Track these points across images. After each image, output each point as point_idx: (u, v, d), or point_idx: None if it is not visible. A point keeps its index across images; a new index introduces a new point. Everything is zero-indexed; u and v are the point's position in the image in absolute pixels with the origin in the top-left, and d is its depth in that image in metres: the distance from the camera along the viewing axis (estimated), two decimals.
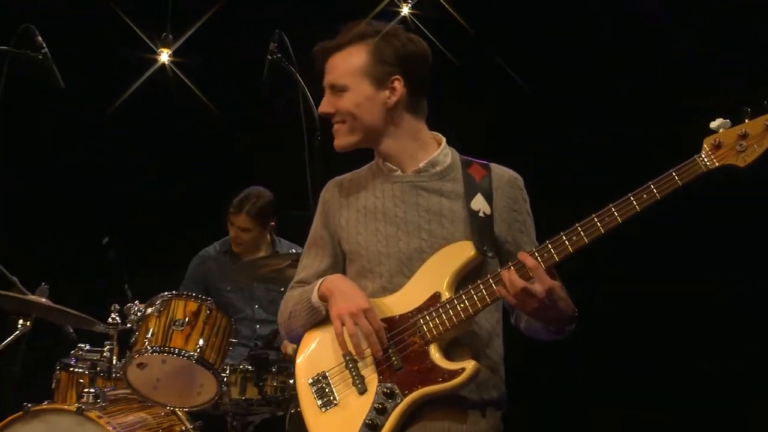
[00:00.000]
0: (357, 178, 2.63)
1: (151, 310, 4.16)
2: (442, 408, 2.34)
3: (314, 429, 2.44)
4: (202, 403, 4.23)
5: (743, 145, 2.14)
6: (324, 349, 2.49)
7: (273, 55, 4.04)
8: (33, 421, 3.92)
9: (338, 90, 2.49)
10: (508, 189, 2.50)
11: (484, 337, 2.42)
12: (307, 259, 2.64)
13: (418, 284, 2.41)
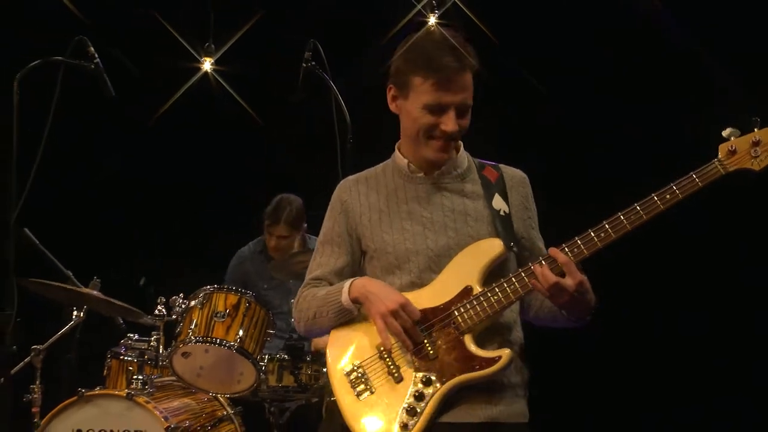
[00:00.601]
0: (373, 178, 2.63)
1: (194, 303, 4.22)
2: (474, 393, 2.34)
3: (351, 417, 2.42)
4: (242, 390, 4.28)
5: (757, 151, 2.20)
6: (356, 341, 2.48)
7: (307, 63, 4.04)
8: (86, 406, 3.96)
9: (466, 109, 2.45)
10: (521, 188, 2.54)
11: (508, 325, 2.44)
12: (322, 257, 2.62)
13: (448, 279, 2.41)
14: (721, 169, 2.23)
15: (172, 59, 6.09)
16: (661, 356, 5.69)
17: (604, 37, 5.81)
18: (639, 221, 2.24)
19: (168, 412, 3.99)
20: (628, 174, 2.43)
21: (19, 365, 4.17)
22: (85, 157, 5.87)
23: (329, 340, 2.53)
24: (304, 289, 2.59)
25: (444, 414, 2.34)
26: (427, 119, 2.41)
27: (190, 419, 4.15)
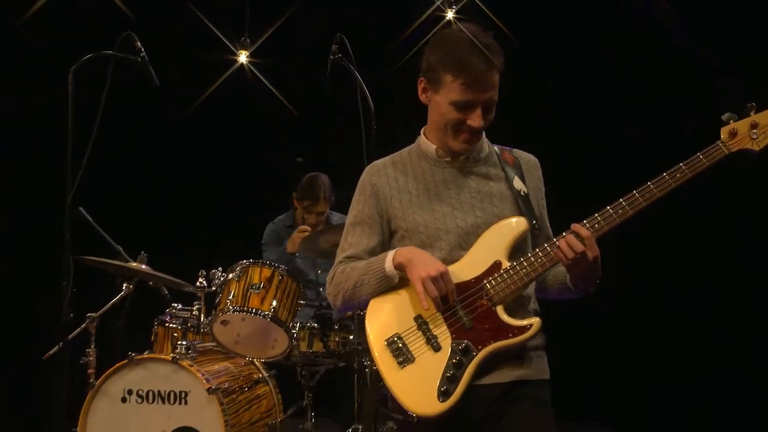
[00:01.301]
0: (400, 162, 2.60)
1: (232, 276, 4.28)
2: (504, 357, 2.36)
3: (394, 384, 2.40)
4: (275, 355, 4.36)
5: (756, 133, 2.26)
6: (394, 312, 2.46)
7: (335, 55, 4.04)
8: (136, 368, 4.04)
9: (491, 106, 2.44)
10: (535, 171, 2.55)
11: (529, 297, 2.46)
12: (354, 237, 2.59)
13: (477, 255, 2.42)
14: (724, 149, 2.28)
15: (209, 52, 6.05)
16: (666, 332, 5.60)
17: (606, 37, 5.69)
18: (652, 197, 2.27)
19: (209, 374, 4.06)
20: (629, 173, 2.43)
21: (76, 331, 4.21)
22: (132, 143, 5.87)
23: (367, 313, 2.51)
24: (339, 266, 2.58)
25: (481, 378, 2.36)
26: (454, 115, 2.40)
27: (229, 381, 4.19)
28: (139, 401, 4.05)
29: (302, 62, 5.82)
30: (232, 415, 4.02)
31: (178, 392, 4.01)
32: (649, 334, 5.68)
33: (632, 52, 5.65)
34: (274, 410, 4.50)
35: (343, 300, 2.56)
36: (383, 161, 2.64)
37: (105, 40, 4.25)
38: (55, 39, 5.24)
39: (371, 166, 2.63)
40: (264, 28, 6.12)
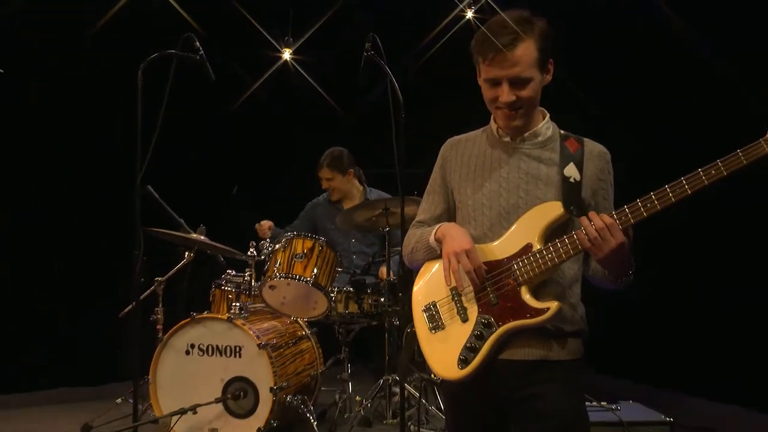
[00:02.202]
0: (472, 139, 2.46)
1: (278, 246, 4.33)
2: (529, 337, 2.25)
3: (425, 345, 2.38)
4: (316, 315, 4.43)
5: None
6: (435, 282, 2.39)
7: (368, 53, 4.05)
8: (197, 326, 4.11)
9: (522, 81, 2.24)
10: (597, 161, 2.32)
11: (565, 282, 2.29)
12: (426, 204, 2.52)
13: (513, 235, 2.28)
14: (766, 147, 2.01)
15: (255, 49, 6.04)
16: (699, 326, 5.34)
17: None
18: (683, 195, 2.06)
19: (259, 331, 4.12)
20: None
21: (146, 293, 4.35)
22: (192, 130, 5.90)
23: (417, 278, 2.46)
24: (411, 229, 2.52)
25: (503, 352, 2.26)
26: (489, 93, 2.28)
27: (277, 337, 4.25)
28: (200, 354, 4.10)
29: (339, 58, 5.80)
30: (279, 366, 4.05)
31: (233, 347, 4.06)
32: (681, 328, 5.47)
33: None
34: (315, 362, 4.55)
35: (408, 260, 2.52)
36: (459, 137, 2.51)
37: (168, 40, 4.30)
38: (126, 40, 5.26)
39: (447, 141, 2.52)
40: (305, 28, 6.09)
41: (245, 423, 4.03)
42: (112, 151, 5.03)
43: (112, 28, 5.47)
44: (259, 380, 4.02)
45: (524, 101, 2.26)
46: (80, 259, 5.67)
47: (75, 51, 5.54)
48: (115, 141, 4.86)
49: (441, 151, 2.49)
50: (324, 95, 6.26)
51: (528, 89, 2.25)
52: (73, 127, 5.67)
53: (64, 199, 5.68)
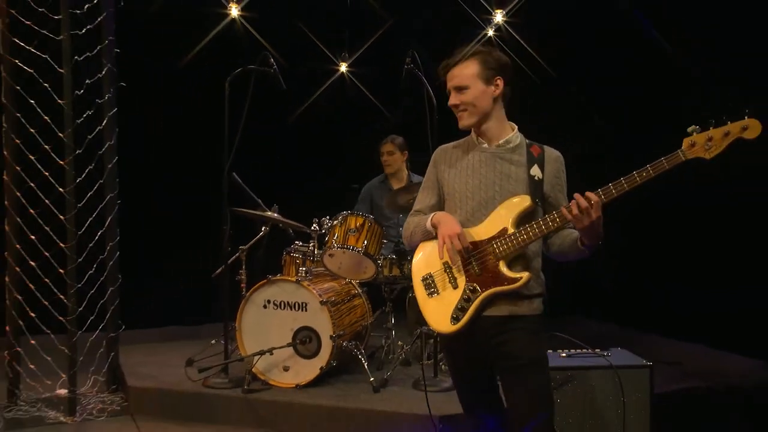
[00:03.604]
0: (458, 146, 2.54)
1: (336, 222, 4.33)
2: (506, 299, 2.35)
3: (423, 308, 2.48)
4: (366, 277, 4.46)
5: (709, 145, 2.13)
6: (430, 257, 2.48)
7: (408, 65, 4.10)
8: (272, 287, 4.18)
9: (462, 88, 2.39)
10: (554, 163, 2.43)
11: (531, 256, 2.39)
12: (422, 196, 2.60)
13: (492, 221, 2.37)
14: (682, 156, 2.16)
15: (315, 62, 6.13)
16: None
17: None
18: (622, 190, 2.18)
19: (321, 291, 4.16)
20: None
21: (232, 258, 4.45)
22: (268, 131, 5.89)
23: (414, 255, 2.55)
24: (409, 217, 2.60)
25: (484, 311, 2.36)
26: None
27: (335, 295, 4.28)
28: (274, 308, 4.17)
29: (385, 70, 5.72)
30: (337, 318, 4.11)
31: (300, 303, 4.12)
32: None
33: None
34: (365, 315, 4.57)
35: (407, 241, 2.62)
36: (448, 144, 2.60)
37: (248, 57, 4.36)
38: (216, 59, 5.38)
39: (438, 148, 2.61)
40: (358, 45, 6.13)
41: (310, 363, 4.09)
42: (205, 147, 5.08)
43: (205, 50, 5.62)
44: (321, 329, 4.07)
45: (466, 104, 2.40)
46: (184, 233, 5.81)
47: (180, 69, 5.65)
48: (207, 139, 4.91)
49: (433, 155, 2.59)
50: (373, 99, 6.28)
51: (466, 94, 2.39)
52: (178, 130, 5.77)
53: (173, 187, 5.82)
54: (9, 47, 4.04)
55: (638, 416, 3.19)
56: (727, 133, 2.13)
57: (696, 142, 2.14)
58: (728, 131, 2.13)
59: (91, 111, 4.19)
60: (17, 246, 4.11)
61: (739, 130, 2.13)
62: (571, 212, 2.21)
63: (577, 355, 3.35)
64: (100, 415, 4.03)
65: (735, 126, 2.13)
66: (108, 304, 4.33)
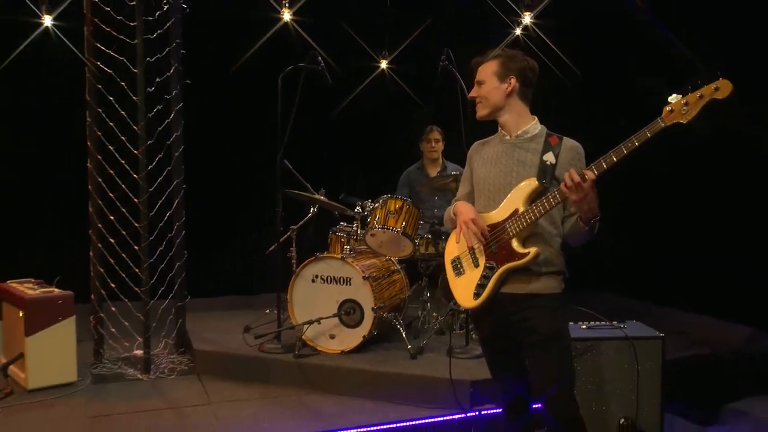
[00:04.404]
0: (488, 141, 2.56)
1: (377, 205, 4.35)
2: (522, 275, 2.35)
3: (452, 286, 2.52)
4: (405, 255, 4.47)
5: (685, 110, 2.06)
6: (458, 242, 2.50)
7: (443, 63, 4.12)
8: (319, 263, 4.19)
9: (480, 83, 2.46)
10: (570, 151, 2.39)
11: (546, 236, 2.38)
12: (461, 187, 2.64)
13: (506, 204, 2.38)
14: (661, 123, 2.10)
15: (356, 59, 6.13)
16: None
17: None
18: (611, 162, 2.14)
19: (363, 267, 4.18)
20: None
21: (284, 237, 4.47)
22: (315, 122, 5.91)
23: (447, 242, 2.59)
24: (451, 205, 2.62)
25: (504, 287, 2.37)
26: None
27: (376, 271, 4.30)
28: (322, 282, 4.18)
29: (422, 67, 5.78)
30: (378, 292, 4.12)
31: (345, 277, 4.13)
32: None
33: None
34: (404, 289, 4.56)
35: (447, 226, 2.66)
36: (481, 141, 2.60)
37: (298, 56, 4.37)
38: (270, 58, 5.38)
39: (474, 144, 2.63)
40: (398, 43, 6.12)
41: (354, 332, 4.10)
42: (260, 137, 5.12)
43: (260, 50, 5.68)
44: (364, 302, 4.08)
45: (480, 96, 2.46)
46: (242, 213, 5.87)
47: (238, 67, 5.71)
48: (262, 130, 4.97)
49: (469, 151, 2.63)
50: (411, 94, 6.26)
51: (482, 88, 2.46)
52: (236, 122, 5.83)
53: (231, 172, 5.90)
54: (93, 51, 4.17)
55: (651, 382, 3.21)
56: (701, 96, 2.06)
57: (674, 108, 2.09)
58: (701, 94, 2.07)
59: (160, 106, 4.26)
60: (99, 225, 4.24)
61: (711, 92, 2.06)
62: (566, 184, 2.19)
63: (596, 327, 3.34)
64: (170, 373, 4.12)
65: (707, 88, 2.06)
66: (176, 277, 4.38)
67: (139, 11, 4.05)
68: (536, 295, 2.37)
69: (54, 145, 5.32)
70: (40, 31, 5.25)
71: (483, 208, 2.46)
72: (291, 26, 5.78)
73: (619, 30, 5.43)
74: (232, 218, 5.93)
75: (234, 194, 5.93)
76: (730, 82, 2.04)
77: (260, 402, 3.71)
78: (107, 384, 3.98)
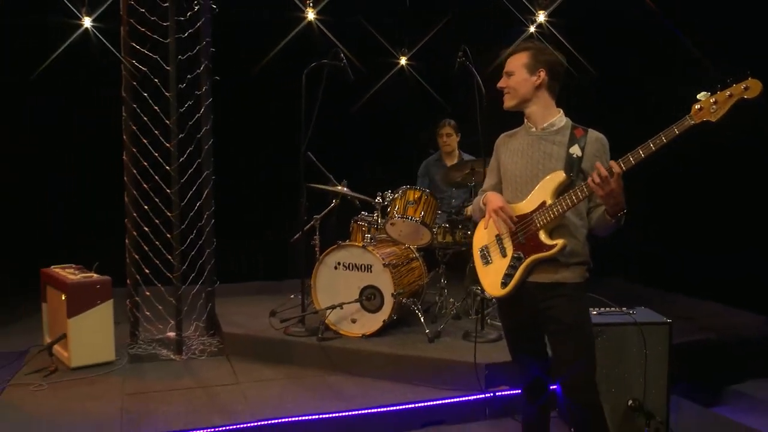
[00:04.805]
0: (514, 133, 2.52)
1: (396, 195, 4.36)
2: (548, 265, 2.33)
3: (480, 275, 2.52)
4: (423, 243, 4.49)
5: (714, 108, 2.03)
6: (486, 232, 2.51)
7: (460, 59, 4.08)
8: (342, 251, 4.20)
9: (509, 74, 2.41)
10: (595, 143, 2.36)
11: (572, 228, 2.35)
12: (488, 177, 2.62)
13: (534, 196, 2.36)
14: (690, 121, 2.06)
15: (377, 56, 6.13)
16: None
17: None
18: (639, 158, 2.11)
19: (383, 254, 4.20)
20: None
21: (307, 226, 4.50)
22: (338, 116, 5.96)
23: (475, 232, 2.59)
24: (477, 196, 2.60)
25: (530, 276, 2.36)
26: None
27: (395, 258, 4.31)
28: (344, 269, 4.19)
29: (440, 63, 5.74)
30: (397, 279, 4.13)
31: (366, 265, 4.14)
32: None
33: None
34: (422, 275, 4.55)
35: (474, 216, 2.65)
36: (507, 132, 2.56)
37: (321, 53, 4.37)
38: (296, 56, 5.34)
39: (501, 135, 2.58)
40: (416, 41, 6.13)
41: (374, 316, 4.12)
42: (285, 130, 5.16)
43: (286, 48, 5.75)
44: (384, 288, 4.10)
45: (509, 87, 2.42)
46: (267, 204, 5.91)
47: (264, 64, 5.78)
48: (287, 124, 4.98)
49: (496, 142, 2.60)
50: (429, 89, 6.26)
51: (512, 79, 2.41)
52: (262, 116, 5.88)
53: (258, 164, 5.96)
54: (129, 50, 4.26)
55: (658, 366, 3.22)
56: (730, 95, 2.03)
57: (703, 106, 2.05)
58: (731, 93, 2.03)
59: (191, 101, 4.30)
60: (134, 214, 4.32)
61: (740, 91, 2.02)
62: (594, 180, 2.16)
63: (607, 313, 3.35)
64: (201, 354, 4.19)
65: (737, 87, 2.03)
66: (205, 263, 4.42)
67: (171, 12, 4.11)
68: (561, 284, 2.35)
69: (95, 141, 5.42)
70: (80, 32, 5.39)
71: (510, 199, 2.44)
72: (315, 25, 5.81)
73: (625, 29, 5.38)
74: (259, 208, 5.98)
75: (260, 185, 5.98)
76: (759, 82, 2.01)
77: (285, 382, 3.76)
78: (143, 363, 4.06)
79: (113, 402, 3.45)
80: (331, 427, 3.30)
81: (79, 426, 3.16)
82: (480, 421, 3.49)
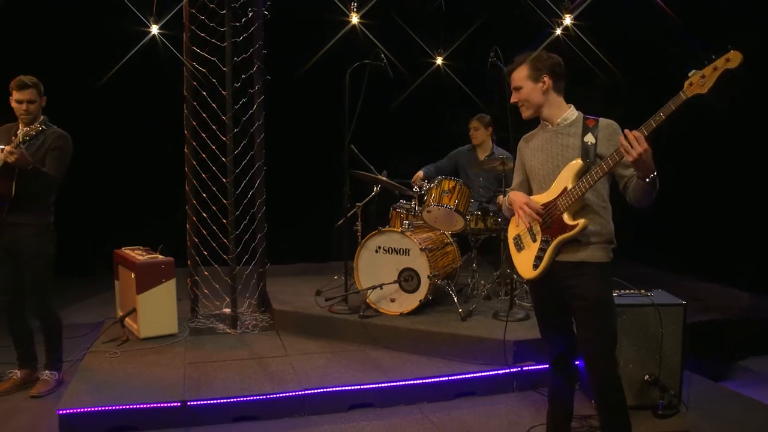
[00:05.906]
0: (533, 133, 2.55)
1: (432, 185, 4.37)
2: (573, 245, 2.35)
3: (515, 260, 2.54)
4: (457, 230, 4.48)
5: (703, 81, 2.04)
6: (517, 223, 2.53)
7: (492, 59, 4.11)
8: (381, 236, 4.25)
9: (518, 89, 2.45)
10: (606, 129, 2.36)
11: (594, 208, 2.36)
12: (515, 176, 2.64)
13: (557, 184, 2.38)
14: (683, 96, 2.06)
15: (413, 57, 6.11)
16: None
17: None
18: (650, 128, 2.10)
19: (420, 239, 4.21)
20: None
21: (350, 213, 4.50)
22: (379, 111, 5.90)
23: (509, 225, 2.60)
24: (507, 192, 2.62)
25: (557, 256, 2.37)
26: None
27: (431, 243, 4.32)
28: (384, 253, 4.24)
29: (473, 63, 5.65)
30: (433, 262, 4.15)
31: (404, 249, 4.18)
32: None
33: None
34: (455, 259, 4.58)
35: (505, 213, 2.65)
36: (527, 135, 2.58)
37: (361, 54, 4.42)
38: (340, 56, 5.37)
39: (522, 137, 2.60)
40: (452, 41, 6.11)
41: (412, 296, 4.15)
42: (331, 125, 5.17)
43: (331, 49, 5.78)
44: (421, 270, 4.12)
45: (522, 101, 2.45)
46: (314, 192, 5.98)
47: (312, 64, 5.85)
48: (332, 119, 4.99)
49: (518, 145, 2.64)
50: (464, 87, 6.25)
51: (521, 93, 2.44)
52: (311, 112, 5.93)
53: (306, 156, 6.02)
54: (190, 53, 4.37)
55: (673, 343, 3.24)
56: (715, 68, 2.04)
57: (693, 81, 2.07)
58: (716, 66, 2.05)
59: (245, 99, 4.37)
60: (193, 201, 4.44)
61: (723, 63, 2.03)
62: (623, 146, 2.13)
63: (626, 294, 3.35)
64: (253, 329, 4.27)
65: (720, 60, 2.04)
66: (257, 246, 4.48)
67: (228, 18, 4.20)
68: (585, 263, 2.35)
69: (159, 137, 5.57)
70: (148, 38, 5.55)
71: (537, 192, 2.47)
72: (358, 28, 5.84)
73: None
74: (306, 196, 6.02)
75: (307, 175, 6.03)
76: (740, 53, 2.02)
77: (329, 355, 3.83)
78: (202, 336, 4.17)
79: (177, 369, 3.58)
80: (371, 396, 3.36)
81: (148, 388, 3.30)
82: (508, 393, 3.54)
